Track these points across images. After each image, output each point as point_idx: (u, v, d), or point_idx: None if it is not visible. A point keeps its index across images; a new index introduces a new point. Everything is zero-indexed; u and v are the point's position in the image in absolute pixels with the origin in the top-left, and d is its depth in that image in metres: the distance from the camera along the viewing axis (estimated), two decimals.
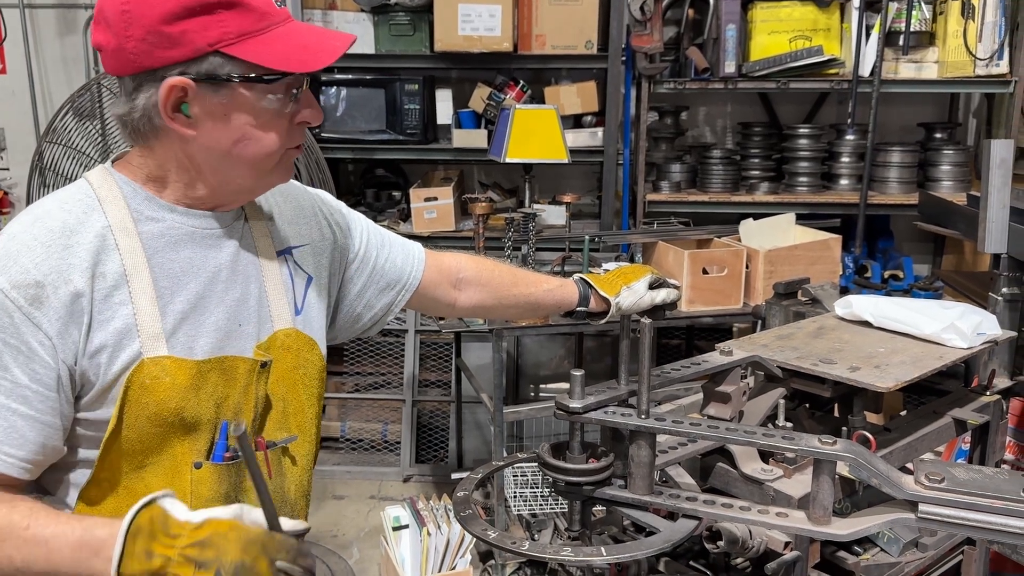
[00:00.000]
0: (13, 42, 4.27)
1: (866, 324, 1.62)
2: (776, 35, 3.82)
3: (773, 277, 2.95)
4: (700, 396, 1.46)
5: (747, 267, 3.11)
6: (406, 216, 4.10)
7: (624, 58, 3.84)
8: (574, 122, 4.01)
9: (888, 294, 3.09)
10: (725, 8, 3.76)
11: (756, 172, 4.10)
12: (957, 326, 1.49)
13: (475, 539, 1.14)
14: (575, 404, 1.15)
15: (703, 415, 1.41)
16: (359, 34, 3.93)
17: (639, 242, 3.39)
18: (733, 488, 1.35)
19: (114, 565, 0.95)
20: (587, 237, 3.23)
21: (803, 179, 4.04)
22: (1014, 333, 1.67)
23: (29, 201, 3.40)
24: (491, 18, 3.71)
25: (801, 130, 4.06)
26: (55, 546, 1.01)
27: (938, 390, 1.66)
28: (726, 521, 1.26)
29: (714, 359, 1.42)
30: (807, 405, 1.58)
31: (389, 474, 4.14)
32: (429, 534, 2.98)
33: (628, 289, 1.51)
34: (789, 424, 1.45)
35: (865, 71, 3.79)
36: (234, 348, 1.20)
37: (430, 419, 4.30)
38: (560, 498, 1.25)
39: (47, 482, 1.19)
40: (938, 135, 4.16)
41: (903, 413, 1.64)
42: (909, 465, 1.41)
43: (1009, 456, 2.31)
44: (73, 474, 1.17)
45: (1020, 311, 2.18)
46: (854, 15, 3.76)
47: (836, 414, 1.59)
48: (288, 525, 1.00)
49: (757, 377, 1.53)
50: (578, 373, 1.15)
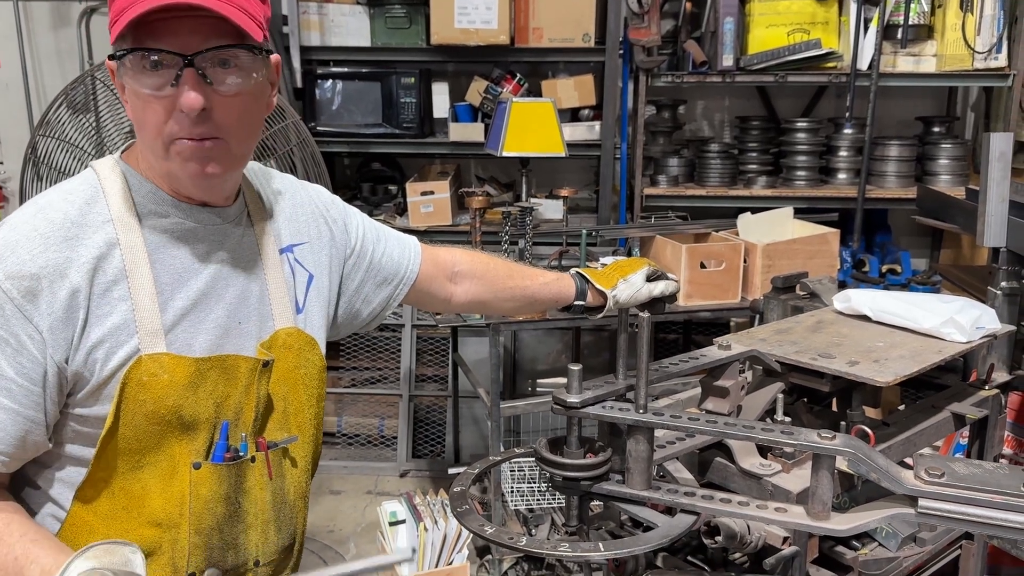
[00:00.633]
0: (7, 35, 4.25)
1: (865, 318, 1.61)
2: (774, 28, 3.81)
3: (771, 271, 2.95)
4: (698, 391, 1.45)
5: (745, 261, 3.11)
6: (402, 210, 4.09)
7: (621, 51, 3.83)
8: (571, 116, 3.99)
9: (886, 288, 3.08)
10: (723, 1, 3.74)
11: (754, 166, 4.09)
12: (956, 320, 1.49)
13: (472, 534, 1.13)
14: (572, 399, 1.14)
15: (701, 410, 1.41)
16: (355, 27, 3.92)
17: (637, 236, 3.38)
18: (731, 483, 1.34)
19: None
20: (584, 231, 3.22)
21: (801, 173, 4.02)
22: (1013, 327, 1.66)
23: (23, 195, 3.38)
24: (488, 11, 3.69)
25: (799, 124, 4.05)
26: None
27: (936, 384, 1.65)
28: (724, 516, 1.25)
29: (712, 353, 1.41)
30: (805, 399, 1.57)
31: (386, 469, 4.13)
32: (426, 529, 2.98)
33: (625, 282, 1.50)
34: (787, 419, 1.44)
35: (863, 64, 3.78)
36: (233, 346, 1.19)
37: (427, 414, 4.29)
38: (557, 493, 1.24)
39: (33, 476, 1.18)
40: (936, 129, 4.15)
41: (901, 407, 1.63)
42: (908, 460, 1.40)
43: (1007, 450, 2.31)
44: (62, 471, 1.16)
45: (1019, 305, 2.18)
46: (852, 8, 3.75)
47: (834, 408, 1.58)
48: None
49: (755, 371, 1.52)
50: (576, 368, 1.14)
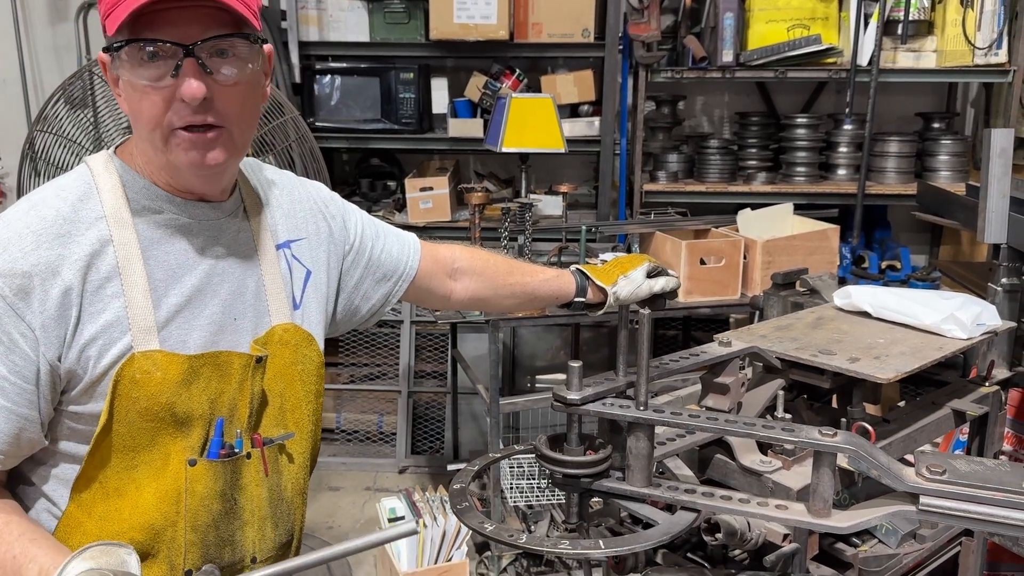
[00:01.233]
0: (4, 30, 4.24)
1: (865, 315, 1.61)
2: (774, 24, 3.80)
3: (771, 267, 2.94)
4: (698, 387, 1.45)
5: (745, 257, 3.10)
6: (401, 206, 4.08)
7: (621, 47, 3.82)
8: (571, 111, 3.98)
9: (886, 284, 3.08)
10: None
11: (753, 162, 4.08)
12: (957, 317, 1.48)
13: (471, 531, 1.13)
14: (573, 395, 1.14)
15: (701, 406, 1.40)
16: (354, 22, 3.90)
17: (636, 232, 3.38)
18: (731, 480, 1.34)
19: None
20: (584, 227, 3.21)
21: (801, 169, 4.02)
22: (1013, 324, 1.65)
23: (20, 190, 3.37)
24: (487, 6, 3.68)
25: (799, 120, 4.04)
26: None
27: (936, 381, 1.65)
28: (725, 513, 1.25)
29: (713, 350, 1.40)
30: (805, 396, 1.56)
31: (385, 465, 4.13)
32: (425, 526, 2.97)
33: (625, 278, 1.49)
34: (788, 415, 1.43)
35: (863, 60, 3.77)
36: (228, 342, 1.18)
37: (426, 410, 4.29)
38: (557, 490, 1.24)
39: (28, 472, 1.17)
40: (936, 125, 4.14)
41: (901, 404, 1.63)
42: (908, 456, 1.40)
43: (1007, 447, 2.30)
44: (57, 468, 1.16)
45: (1019, 301, 2.17)
46: (852, 4, 3.74)
47: (835, 405, 1.58)
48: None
49: (756, 368, 1.52)
50: (576, 364, 1.14)
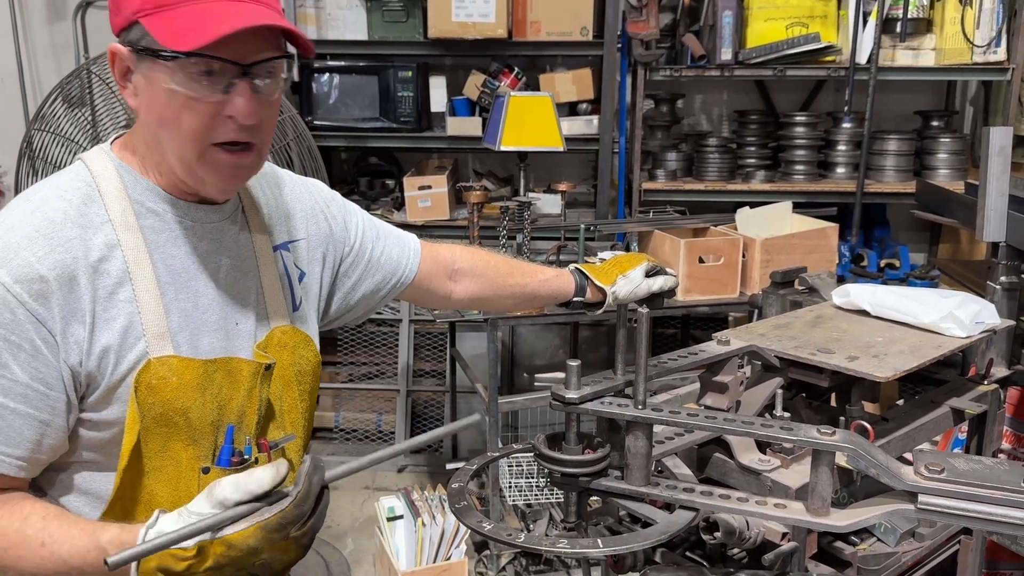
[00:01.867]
0: (2, 29, 4.23)
1: (864, 313, 1.60)
2: (773, 22, 3.80)
3: (770, 266, 2.94)
4: (697, 386, 1.45)
5: (744, 256, 3.10)
6: (400, 205, 4.07)
7: (620, 45, 3.81)
8: (569, 110, 3.98)
9: (885, 283, 3.08)
10: None
11: (752, 160, 4.08)
12: (956, 315, 1.48)
13: (470, 530, 1.13)
14: (571, 394, 1.14)
15: (700, 405, 1.40)
16: (352, 21, 3.90)
17: (635, 231, 3.38)
18: (730, 479, 1.34)
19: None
20: (583, 226, 3.21)
21: (799, 167, 4.02)
22: (1012, 322, 1.65)
23: (18, 189, 3.36)
24: (485, 4, 3.67)
25: (797, 118, 4.04)
26: (75, 564, 1.01)
27: (935, 379, 1.65)
28: (723, 512, 1.25)
29: (711, 349, 1.40)
30: (804, 395, 1.56)
31: (383, 464, 4.13)
32: (424, 525, 2.97)
33: (624, 278, 1.49)
34: (786, 414, 1.43)
35: (862, 58, 3.76)
36: (233, 347, 1.18)
37: (424, 409, 4.28)
38: (556, 489, 1.23)
39: (40, 479, 1.15)
40: (935, 123, 4.14)
41: (900, 402, 1.63)
42: (907, 455, 1.40)
43: (1006, 445, 2.30)
44: (74, 475, 1.14)
45: (1018, 300, 2.17)
46: (851, 2, 3.74)
47: (833, 404, 1.57)
48: (266, 478, 0.96)
49: (754, 367, 1.52)
50: (574, 363, 1.13)
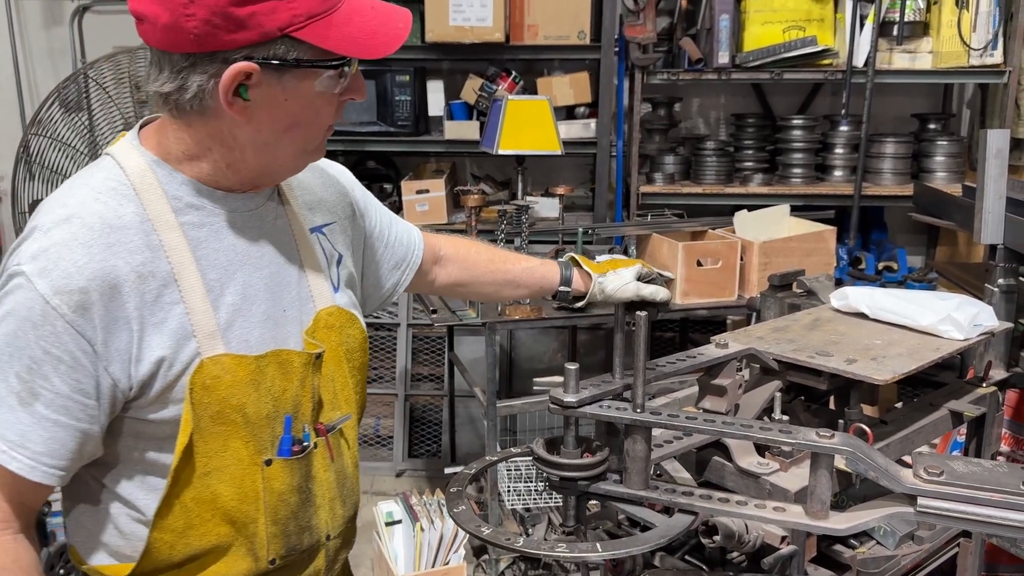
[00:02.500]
0: None
1: (862, 316, 1.60)
2: (770, 25, 3.80)
3: (768, 269, 2.94)
4: (695, 389, 1.44)
5: (742, 259, 3.10)
6: (397, 209, 4.07)
7: (617, 49, 3.81)
8: (567, 113, 3.98)
9: (883, 285, 3.08)
10: None
11: (750, 163, 4.08)
12: (954, 318, 1.48)
13: (469, 535, 1.12)
14: (569, 398, 1.13)
15: (699, 408, 1.40)
16: None
17: (633, 234, 3.37)
18: (729, 482, 1.33)
19: None
20: (580, 229, 3.21)
21: (797, 170, 4.02)
22: (1010, 324, 1.65)
23: (15, 193, 3.35)
24: (483, 8, 3.67)
25: (795, 121, 4.04)
26: None
27: (933, 382, 1.64)
28: (722, 516, 1.24)
29: (709, 352, 1.40)
30: (803, 398, 1.56)
31: (381, 469, 4.12)
32: (422, 529, 2.97)
33: (615, 273, 1.51)
34: (785, 417, 1.43)
35: (859, 62, 3.77)
36: (283, 335, 1.17)
37: (423, 413, 4.28)
38: (554, 493, 1.23)
39: (97, 491, 1.15)
40: (932, 126, 4.14)
41: (898, 405, 1.62)
42: (906, 458, 1.40)
43: (1005, 448, 2.30)
44: (116, 469, 1.13)
45: (1016, 302, 2.17)
46: (848, 5, 3.74)
47: (832, 407, 1.57)
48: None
49: (753, 370, 1.51)
50: (572, 367, 1.13)
